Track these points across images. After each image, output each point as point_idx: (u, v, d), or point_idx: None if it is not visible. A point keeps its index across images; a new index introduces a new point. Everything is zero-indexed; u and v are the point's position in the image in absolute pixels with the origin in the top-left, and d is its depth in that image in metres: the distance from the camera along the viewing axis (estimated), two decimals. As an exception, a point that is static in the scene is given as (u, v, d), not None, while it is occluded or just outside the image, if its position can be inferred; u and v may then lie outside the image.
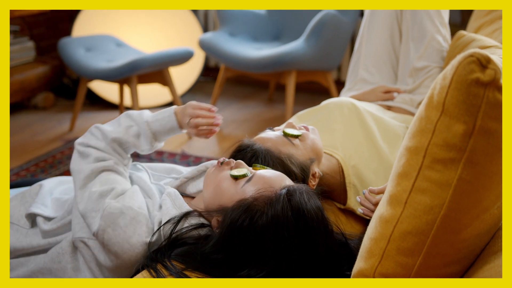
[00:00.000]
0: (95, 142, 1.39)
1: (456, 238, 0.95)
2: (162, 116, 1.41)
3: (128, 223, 1.24)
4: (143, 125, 1.39)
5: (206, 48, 3.66)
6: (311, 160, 1.49)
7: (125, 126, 1.40)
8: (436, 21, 2.12)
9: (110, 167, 1.36)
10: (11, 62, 3.97)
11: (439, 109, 0.91)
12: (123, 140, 1.39)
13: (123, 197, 1.29)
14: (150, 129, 1.40)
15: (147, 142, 1.41)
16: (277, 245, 1.15)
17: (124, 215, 1.25)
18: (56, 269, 1.38)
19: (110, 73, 3.34)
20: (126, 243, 1.23)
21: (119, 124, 1.41)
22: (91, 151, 1.38)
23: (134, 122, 1.41)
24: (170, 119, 1.41)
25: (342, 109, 1.76)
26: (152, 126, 1.40)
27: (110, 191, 1.30)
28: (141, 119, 1.40)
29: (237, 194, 1.23)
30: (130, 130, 1.40)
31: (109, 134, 1.39)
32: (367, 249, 1.05)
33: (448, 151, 0.91)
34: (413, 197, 0.96)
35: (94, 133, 1.41)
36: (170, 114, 1.41)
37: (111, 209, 1.25)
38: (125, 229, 1.24)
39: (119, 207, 1.26)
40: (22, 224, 1.49)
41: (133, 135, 1.40)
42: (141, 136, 1.40)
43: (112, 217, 1.25)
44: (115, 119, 1.44)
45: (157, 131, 1.41)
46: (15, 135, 3.63)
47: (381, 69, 2.25)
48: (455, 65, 0.89)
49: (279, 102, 4.28)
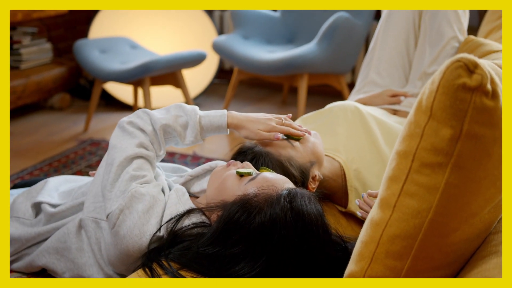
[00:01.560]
0: (144, 124, 1.41)
1: (444, 242, 0.96)
2: (214, 114, 1.46)
3: (146, 210, 1.26)
4: (194, 117, 1.43)
5: (219, 51, 3.68)
6: (311, 163, 1.50)
7: (175, 114, 1.43)
8: (454, 26, 2.11)
9: (149, 157, 1.38)
10: (28, 63, 4.04)
11: (427, 114, 0.92)
12: (171, 128, 1.42)
13: (149, 185, 1.32)
14: (199, 123, 1.43)
15: (193, 134, 1.43)
16: (272, 244, 1.16)
17: (145, 201, 1.27)
18: (62, 248, 1.41)
19: (123, 74, 3.37)
20: (136, 229, 1.25)
21: (168, 111, 1.44)
22: (138, 133, 1.40)
23: (184, 113, 1.44)
24: (221, 118, 1.45)
25: (345, 113, 1.77)
26: (202, 121, 1.43)
27: (141, 177, 1.33)
28: (193, 112, 1.44)
29: (239, 190, 1.25)
30: (179, 119, 1.43)
31: (158, 120, 1.41)
32: (358, 252, 1.06)
33: (436, 156, 0.91)
34: (401, 200, 0.97)
35: (142, 117, 1.43)
36: (223, 114, 1.46)
37: (135, 193, 1.28)
38: (141, 215, 1.26)
39: (143, 192, 1.28)
40: (28, 217, 1.52)
41: (181, 124, 1.43)
42: (189, 127, 1.43)
43: (134, 200, 1.27)
44: (164, 108, 1.47)
45: (205, 126, 1.44)
46: (30, 135, 3.68)
47: (392, 72, 2.25)
48: (442, 70, 0.90)
49: (292, 104, 4.29)
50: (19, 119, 3.99)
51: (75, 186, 1.63)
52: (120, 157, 1.35)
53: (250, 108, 4.29)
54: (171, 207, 1.30)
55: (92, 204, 1.37)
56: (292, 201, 1.18)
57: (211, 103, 4.42)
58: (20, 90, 3.75)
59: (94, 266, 1.37)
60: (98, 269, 1.36)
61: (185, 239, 1.23)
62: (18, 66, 4.00)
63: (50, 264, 1.43)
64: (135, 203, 1.27)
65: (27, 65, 4.02)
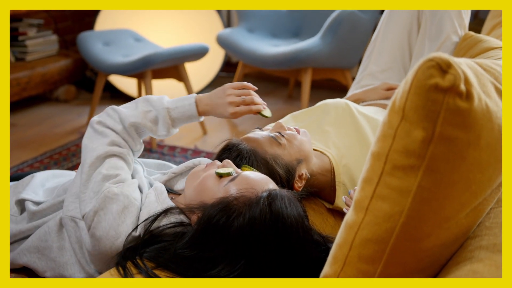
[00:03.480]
0: (113, 123, 1.38)
1: (417, 247, 0.93)
2: (182, 104, 1.42)
3: (120, 211, 1.24)
4: (163, 112, 1.40)
5: (223, 44, 3.66)
6: (298, 161, 1.47)
7: (143, 110, 1.40)
8: (455, 21, 2.06)
9: (123, 155, 1.36)
10: (34, 55, 4.04)
11: (399, 114, 0.89)
12: (141, 125, 1.39)
13: (123, 185, 1.29)
14: (169, 116, 1.40)
15: (165, 128, 1.41)
16: (251, 247, 1.14)
17: (119, 201, 1.25)
18: (43, 248, 1.39)
19: (125, 67, 3.36)
20: (112, 230, 1.23)
21: (136, 107, 1.41)
22: (109, 132, 1.37)
23: (153, 107, 1.41)
24: (190, 108, 1.41)
25: (336, 111, 1.74)
26: (172, 113, 1.41)
27: (114, 177, 1.31)
28: (161, 105, 1.40)
29: (218, 192, 1.23)
30: (148, 115, 1.40)
31: (126, 118, 1.38)
32: (333, 255, 1.03)
33: (408, 158, 0.88)
34: (374, 203, 0.94)
35: (111, 115, 1.40)
36: (191, 103, 1.42)
37: (108, 193, 1.25)
38: (116, 215, 1.24)
39: (116, 192, 1.26)
40: (13, 213, 1.51)
41: (151, 120, 1.40)
42: (159, 122, 1.41)
43: (107, 201, 1.25)
44: (133, 102, 1.44)
45: (176, 118, 1.41)
46: (34, 127, 3.69)
47: (391, 65, 2.21)
48: (415, 69, 0.86)
49: (299, 99, 4.25)
50: (24, 111, 4.00)
51: (61, 182, 1.62)
52: (91, 157, 1.33)
53: (255, 102, 4.26)
54: (149, 205, 1.28)
55: (71, 203, 1.35)
56: (271, 204, 1.16)
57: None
58: (25, 81, 3.75)
59: (76, 265, 1.35)
60: (80, 268, 1.35)
61: (163, 239, 1.21)
62: (23, 57, 4.00)
63: (31, 263, 1.42)
64: (109, 204, 1.25)
65: (32, 56, 4.03)
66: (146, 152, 3.25)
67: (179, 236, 1.21)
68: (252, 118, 3.89)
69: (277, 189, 1.24)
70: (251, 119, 3.86)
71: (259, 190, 1.20)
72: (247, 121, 3.83)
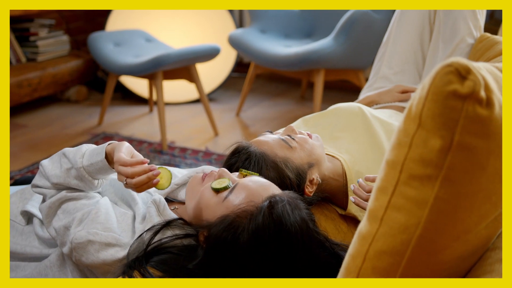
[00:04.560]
0: (44, 182, 1.36)
1: (433, 260, 0.89)
2: (95, 160, 1.31)
3: (99, 248, 1.22)
4: (79, 171, 1.32)
5: (235, 45, 3.62)
6: (309, 165, 1.44)
7: (65, 168, 1.33)
8: (470, 23, 2.02)
9: (65, 197, 1.32)
10: (45, 56, 4.03)
11: (416, 122, 0.85)
12: (65, 185, 1.33)
13: (87, 223, 1.25)
14: (88, 173, 1.32)
15: (89, 183, 1.33)
16: (260, 259, 1.11)
17: (92, 242, 1.22)
18: None
19: (136, 68, 3.34)
20: (102, 264, 1.22)
21: (60, 165, 1.35)
22: (44, 191, 1.35)
23: (72, 164, 1.33)
24: (103, 163, 1.30)
25: (349, 115, 1.70)
26: (88, 170, 1.32)
27: (72, 221, 1.27)
28: (76, 164, 1.32)
29: (219, 209, 1.19)
30: (71, 172, 1.33)
31: (50, 178, 1.34)
32: (345, 266, 0.99)
33: (425, 167, 0.84)
34: (388, 214, 0.90)
35: (42, 172, 1.37)
36: (102, 158, 1.30)
37: (77, 240, 1.23)
38: (98, 254, 1.22)
39: (84, 235, 1.22)
40: (19, 221, 1.49)
41: (75, 177, 1.32)
42: (83, 179, 1.33)
43: (82, 246, 1.22)
44: (57, 156, 1.37)
45: (95, 173, 1.32)
46: (44, 128, 3.68)
47: (404, 68, 2.17)
48: (432, 75, 0.82)
49: (311, 100, 4.22)
50: (35, 112, 3.99)
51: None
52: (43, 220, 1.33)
53: (267, 102, 4.23)
54: (150, 221, 1.26)
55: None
56: (272, 213, 1.12)
57: (228, 97, 4.37)
58: (36, 82, 3.74)
59: None
60: None
61: (168, 250, 1.19)
62: (34, 58, 4.00)
63: None
64: (84, 248, 1.22)
65: (43, 57, 4.02)
66: (156, 153, 3.23)
67: (188, 250, 1.19)
68: (265, 119, 3.86)
69: (277, 194, 1.20)
70: (263, 120, 3.83)
71: (258, 200, 1.17)
72: (259, 122, 3.79)
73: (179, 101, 4.21)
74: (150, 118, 3.92)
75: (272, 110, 4.06)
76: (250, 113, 4.00)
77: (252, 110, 4.06)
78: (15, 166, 3.01)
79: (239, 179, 1.25)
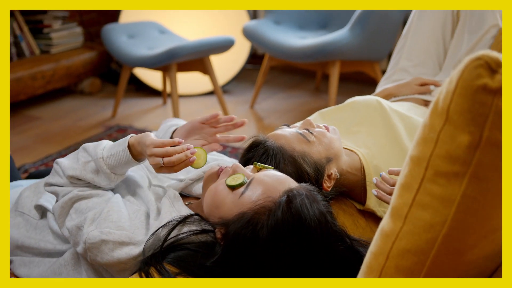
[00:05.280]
0: (57, 179, 1.33)
1: (459, 259, 0.86)
2: (116, 151, 1.29)
3: (113, 247, 1.20)
4: (98, 162, 1.30)
5: (249, 36, 3.59)
6: (327, 160, 1.41)
7: (83, 162, 1.31)
8: (497, 13, 1.97)
9: (76, 197, 1.30)
10: (58, 48, 4.02)
11: (443, 117, 0.82)
12: (81, 178, 1.31)
13: (99, 222, 1.23)
14: (106, 165, 1.29)
15: (106, 177, 1.31)
16: (280, 256, 1.10)
17: (105, 242, 1.20)
18: None
19: (149, 60, 3.32)
20: (118, 263, 1.20)
21: (77, 159, 1.33)
22: (57, 189, 1.33)
23: (91, 157, 1.31)
24: (124, 154, 1.29)
25: (367, 109, 1.66)
26: (108, 162, 1.29)
27: (84, 221, 1.25)
28: (96, 155, 1.30)
29: (236, 206, 1.16)
30: (88, 166, 1.31)
31: (66, 171, 1.31)
32: (367, 264, 0.97)
33: (452, 164, 0.81)
34: (413, 212, 0.87)
35: (56, 170, 1.35)
36: (124, 148, 1.29)
37: (91, 240, 1.21)
38: (112, 253, 1.20)
39: (98, 235, 1.21)
40: (33, 215, 1.48)
41: (91, 171, 1.30)
42: (100, 172, 1.31)
43: (95, 246, 1.21)
44: (75, 152, 1.36)
45: (114, 166, 1.30)
46: (58, 120, 3.67)
47: (425, 60, 2.12)
48: (461, 69, 0.79)
49: (326, 92, 4.18)
50: (49, 104, 3.99)
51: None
52: (56, 219, 1.31)
53: (282, 94, 4.20)
54: (165, 214, 1.24)
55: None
56: (291, 208, 1.11)
57: (242, 89, 4.34)
58: (50, 74, 3.74)
59: None
60: None
61: (186, 246, 1.17)
62: (48, 50, 3.99)
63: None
64: (98, 247, 1.21)
65: (57, 49, 4.02)
66: (170, 146, 3.21)
67: (205, 247, 1.17)
68: (279, 111, 3.83)
69: (294, 188, 1.18)
70: (277, 112, 3.80)
71: (275, 194, 1.15)
72: (273, 115, 3.77)
73: (193, 93, 4.19)
74: (164, 110, 3.91)
75: (287, 102, 4.03)
76: (265, 105, 3.97)
77: (267, 102, 4.03)
78: (29, 159, 3.01)
79: (254, 173, 1.22)
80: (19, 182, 1.75)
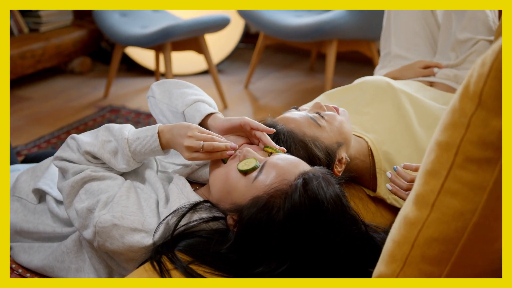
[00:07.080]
0: (69, 154, 1.27)
1: (489, 248, 0.84)
2: (144, 135, 1.25)
3: (124, 233, 1.15)
4: (122, 142, 1.25)
5: (245, 15, 3.53)
6: (338, 144, 1.37)
7: (102, 140, 1.26)
8: None
9: (88, 177, 1.24)
10: (48, 26, 3.94)
11: (475, 101, 0.78)
12: (98, 155, 1.26)
13: (112, 206, 1.18)
14: (129, 147, 1.24)
15: (124, 160, 1.26)
16: (297, 237, 1.07)
17: (117, 226, 1.15)
18: (59, 269, 1.33)
19: (143, 39, 3.25)
20: (127, 251, 1.16)
21: (96, 136, 1.28)
22: (67, 165, 1.26)
23: (113, 137, 1.26)
24: (152, 139, 1.24)
25: (376, 90, 1.62)
26: (132, 145, 1.24)
27: (96, 204, 1.20)
28: (121, 135, 1.25)
29: (249, 191, 1.13)
30: (107, 145, 1.26)
31: (83, 146, 1.26)
32: (389, 252, 0.94)
33: (484, 150, 0.78)
34: (441, 199, 0.84)
35: (70, 145, 1.29)
36: (153, 134, 1.24)
37: (102, 223, 1.16)
38: (123, 240, 1.15)
39: (109, 219, 1.16)
40: (31, 199, 1.44)
41: (110, 151, 1.26)
42: (118, 153, 1.26)
43: (106, 231, 1.16)
44: (94, 130, 1.31)
45: (136, 151, 1.25)
46: (49, 100, 3.60)
47: (416, 43, 2.09)
48: (496, 50, 0.76)
49: (320, 71, 4.13)
50: (39, 84, 3.91)
51: None
52: (64, 199, 1.25)
53: (276, 74, 4.15)
54: (174, 201, 1.20)
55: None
56: (307, 190, 1.08)
57: (236, 68, 4.28)
58: (39, 53, 3.66)
59: None
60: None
61: (197, 234, 1.13)
62: (37, 28, 3.90)
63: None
64: (109, 232, 1.16)
65: (46, 27, 3.93)
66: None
67: (218, 234, 1.14)
68: (274, 91, 3.78)
69: (310, 170, 1.15)
70: (272, 93, 3.75)
71: (290, 177, 1.12)
72: (268, 95, 3.72)
73: (187, 73, 4.13)
74: (157, 90, 3.83)
75: (281, 82, 3.98)
76: (259, 85, 3.92)
77: (261, 82, 3.98)
78: (21, 140, 2.94)
79: (265, 158, 1.19)
80: (16, 166, 1.71)
